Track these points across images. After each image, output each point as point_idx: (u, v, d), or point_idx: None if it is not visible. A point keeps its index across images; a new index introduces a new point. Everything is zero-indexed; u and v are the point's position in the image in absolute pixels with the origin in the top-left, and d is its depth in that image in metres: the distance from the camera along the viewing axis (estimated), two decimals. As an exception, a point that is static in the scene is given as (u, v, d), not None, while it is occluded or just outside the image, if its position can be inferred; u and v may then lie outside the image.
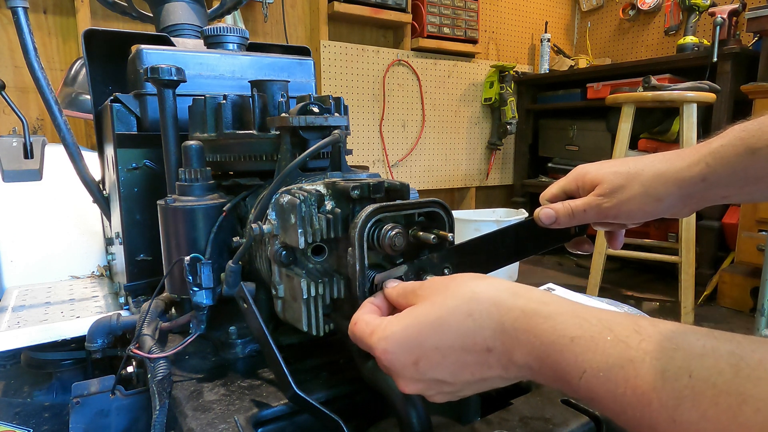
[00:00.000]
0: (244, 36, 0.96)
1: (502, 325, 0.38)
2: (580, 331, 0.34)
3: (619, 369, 0.31)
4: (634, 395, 0.30)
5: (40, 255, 1.26)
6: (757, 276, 2.01)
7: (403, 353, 0.41)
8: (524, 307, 0.38)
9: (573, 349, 0.34)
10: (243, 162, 0.73)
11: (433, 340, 0.40)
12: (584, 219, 0.60)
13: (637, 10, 3.51)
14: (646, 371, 0.30)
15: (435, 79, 3.27)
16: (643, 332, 0.32)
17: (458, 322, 0.39)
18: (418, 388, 0.42)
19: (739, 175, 0.52)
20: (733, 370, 0.27)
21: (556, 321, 0.36)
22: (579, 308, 0.36)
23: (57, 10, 2.27)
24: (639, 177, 0.57)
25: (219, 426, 0.53)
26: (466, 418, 0.63)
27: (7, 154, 1.14)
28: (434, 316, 0.40)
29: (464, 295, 0.40)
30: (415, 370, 0.41)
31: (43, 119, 2.28)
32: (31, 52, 0.86)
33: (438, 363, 0.40)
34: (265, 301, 0.69)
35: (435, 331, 0.40)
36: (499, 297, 0.39)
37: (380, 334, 0.42)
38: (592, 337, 0.33)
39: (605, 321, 0.34)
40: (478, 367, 0.39)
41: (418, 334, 0.40)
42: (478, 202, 3.68)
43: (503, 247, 0.61)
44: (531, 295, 0.39)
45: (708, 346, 0.29)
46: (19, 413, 1.00)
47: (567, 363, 0.34)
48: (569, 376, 0.34)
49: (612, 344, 0.32)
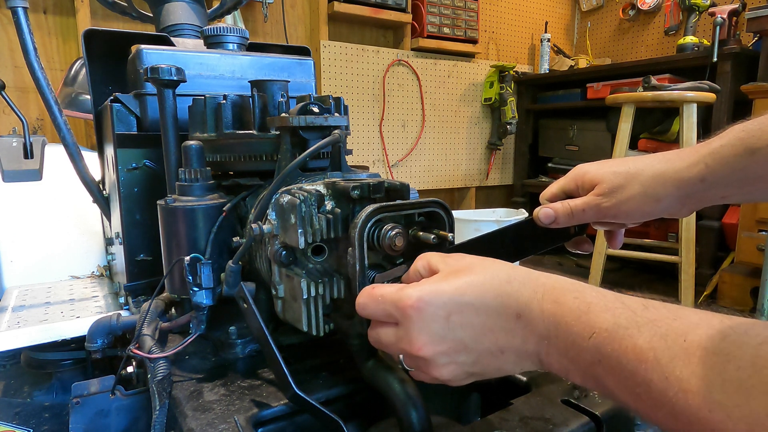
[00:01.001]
0: (244, 36, 0.96)
1: (535, 294, 0.41)
2: (597, 300, 0.39)
3: (624, 329, 0.35)
4: (633, 352, 0.34)
5: (40, 255, 1.26)
6: (757, 276, 2.01)
7: (438, 306, 0.42)
8: (554, 283, 0.42)
9: (588, 313, 0.38)
10: (243, 162, 0.73)
11: (470, 297, 0.42)
12: (583, 218, 0.60)
13: (637, 10, 3.51)
14: (646, 332, 0.34)
15: (435, 79, 3.27)
16: (649, 306, 0.37)
17: (499, 285, 0.42)
18: (437, 350, 0.43)
19: (739, 175, 0.53)
20: (721, 336, 0.31)
21: (578, 291, 0.40)
22: (599, 288, 0.41)
23: (57, 10, 2.27)
24: (638, 177, 0.57)
25: (219, 426, 0.53)
26: (466, 418, 0.64)
27: (7, 154, 1.14)
28: (476, 278, 0.43)
29: (504, 266, 0.44)
30: (443, 325, 0.42)
31: (43, 119, 2.28)
32: (31, 52, 0.86)
33: (469, 321, 0.42)
34: (265, 301, 0.69)
35: (476, 289, 0.42)
36: (535, 273, 0.44)
37: (418, 286, 0.43)
38: (606, 306, 0.38)
39: (619, 296, 0.39)
40: (503, 333, 0.42)
41: (457, 290, 0.42)
42: (478, 202, 3.68)
43: (503, 247, 0.61)
44: (559, 277, 0.43)
45: (703, 318, 0.33)
46: (19, 413, 1.00)
47: (581, 326, 0.38)
48: (579, 338, 0.38)
49: (621, 310, 0.37)
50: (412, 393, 0.51)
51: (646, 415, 0.34)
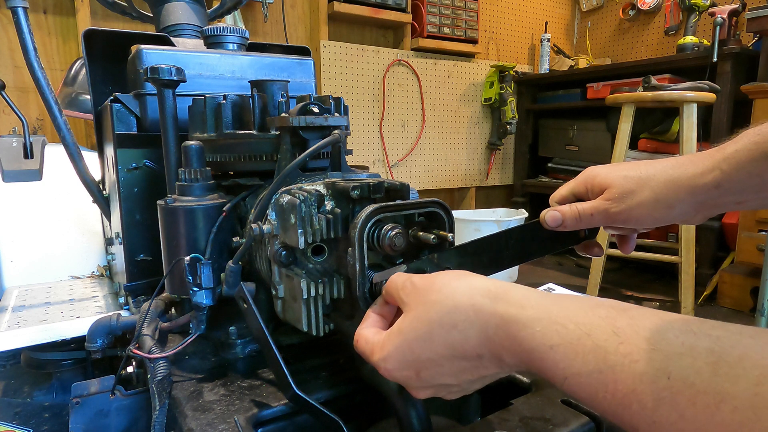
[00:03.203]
0: (244, 36, 0.96)
1: (485, 333, 0.38)
2: (558, 338, 0.34)
3: (599, 374, 0.32)
4: (614, 399, 0.31)
5: (40, 255, 1.26)
6: (757, 276, 2.01)
7: (403, 369, 0.43)
8: (503, 313, 0.38)
9: (553, 357, 0.34)
10: (243, 162, 0.73)
11: (426, 354, 0.41)
12: (591, 223, 0.59)
13: (637, 10, 3.51)
14: (625, 376, 0.30)
15: (435, 79, 3.27)
16: (621, 334, 0.32)
17: (445, 334, 0.40)
18: (429, 393, 0.44)
19: (755, 181, 0.51)
20: (711, 369, 0.27)
21: (534, 329, 0.36)
22: (557, 312, 0.36)
23: (57, 10, 2.27)
24: (650, 182, 0.56)
25: (219, 426, 0.53)
26: (466, 418, 0.64)
27: (7, 154, 1.14)
28: (421, 332, 0.41)
29: (445, 305, 0.40)
30: (419, 380, 0.43)
31: (43, 119, 2.28)
32: (31, 52, 0.86)
33: (437, 371, 0.42)
34: (265, 301, 0.69)
35: (425, 345, 0.41)
36: (479, 303, 0.39)
37: (379, 354, 0.44)
38: (571, 344, 0.34)
39: (583, 326, 0.34)
40: (475, 369, 0.41)
41: (411, 351, 0.42)
42: (478, 202, 3.68)
43: (507, 249, 0.60)
44: (510, 298, 0.39)
45: (686, 343, 0.29)
46: (19, 413, 1.00)
47: (549, 369, 0.35)
48: (554, 380, 0.35)
49: (591, 350, 0.33)
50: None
51: None
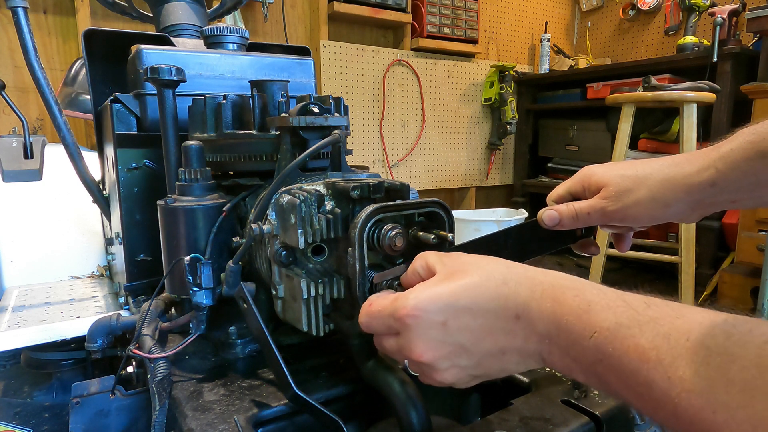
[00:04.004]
0: (244, 36, 0.96)
1: (533, 293, 0.40)
2: (597, 298, 0.38)
3: (626, 329, 0.35)
4: (635, 352, 0.34)
5: (40, 255, 1.26)
6: (757, 276, 2.01)
7: (434, 312, 0.41)
8: (552, 281, 0.41)
9: (589, 311, 0.37)
10: (243, 162, 0.73)
11: (466, 301, 0.41)
12: (588, 221, 0.60)
13: (637, 10, 3.51)
14: (648, 331, 0.34)
15: (435, 79, 3.27)
16: (651, 303, 0.36)
17: (495, 287, 0.41)
18: (438, 355, 0.42)
19: (750, 179, 0.52)
20: (725, 336, 0.31)
21: (578, 290, 0.39)
22: (598, 285, 0.40)
23: (57, 10, 2.27)
24: (646, 181, 0.56)
25: (219, 426, 0.53)
26: (466, 418, 0.64)
27: (7, 154, 1.14)
28: (471, 281, 0.42)
29: (499, 266, 0.43)
30: (441, 331, 0.42)
31: (43, 119, 2.28)
32: (31, 52, 0.85)
33: (466, 325, 0.41)
34: (265, 301, 0.69)
35: (471, 292, 0.41)
36: (531, 271, 0.43)
37: (411, 294, 0.43)
38: (608, 304, 0.37)
39: (620, 294, 0.38)
40: (503, 334, 0.41)
41: (452, 294, 0.42)
42: (478, 202, 3.68)
43: (506, 248, 0.60)
44: (557, 274, 0.42)
45: (707, 317, 0.33)
46: (19, 413, 1.00)
47: (582, 325, 0.37)
48: (581, 337, 0.37)
49: (623, 310, 0.36)
50: (412, 393, 0.51)
51: (649, 414, 0.34)
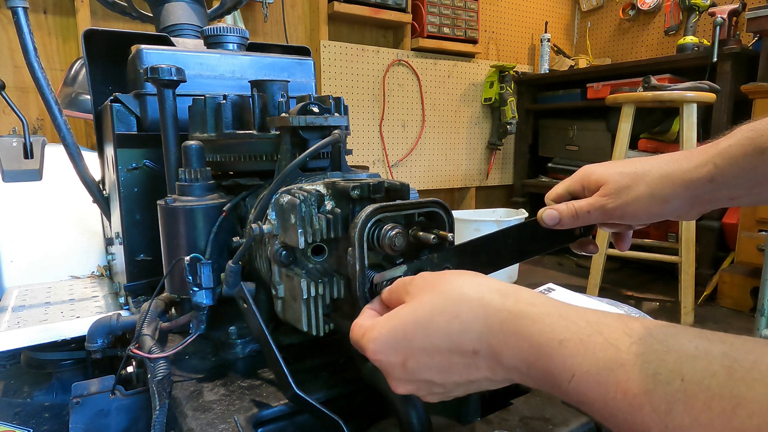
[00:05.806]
0: (244, 36, 0.96)
1: (489, 327, 0.37)
2: (568, 333, 0.33)
3: (610, 372, 0.31)
4: (624, 399, 0.30)
5: (40, 255, 1.26)
6: (757, 276, 2.01)
7: (391, 353, 0.41)
8: (512, 309, 0.37)
9: (562, 352, 0.33)
10: (243, 162, 0.73)
11: (419, 341, 0.39)
12: (588, 220, 0.59)
13: (637, 10, 3.51)
14: (636, 375, 0.29)
15: (435, 79, 3.27)
16: (633, 334, 0.31)
17: (445, 323, 0.38)
18: (409, 389, 0.42)
19: (748, 176, 0.52)
20: (726, 372, 0.26)
21: (544, 323, 0.35)
22: (566, 310, 0.35)
23: (57, 10, 2.27)
24: (645, 178, 0.56)
25: (219, 426, 0.53)
26: (466, 418, 0.63)
27: (7, 154, 1.14)
28: (421, 316, 0.40)
29: (452, 295, 0.40)
30: (403, 371, 0.41)
31: (43, 119, 2.28)
32: (31, 52, 0.86)
33: (425, 364, 0.40)
34: (265, 301, 0.69)
35: (422, 331, 0.39)
36: (488, 297, 0.38)
37: (369, 335, 0.42)
38: (581, 340, 0.33)
39: (594, 323, 0.33)
40: (465, 368, 0.39)
41: (405, 334, 0.40)
42: (478, 202, 3.68)
43: (505, 248, 0.60)
44: (519, 296, 0.38)
45: (700, 347, 0.28)
46: (19, 413, 1.00)
47: (556, 366, 0.33)
48: (558, 380, 0.33)
49: (602, 347, 0.32)
50: (412, 393, 0.51)
51: None
